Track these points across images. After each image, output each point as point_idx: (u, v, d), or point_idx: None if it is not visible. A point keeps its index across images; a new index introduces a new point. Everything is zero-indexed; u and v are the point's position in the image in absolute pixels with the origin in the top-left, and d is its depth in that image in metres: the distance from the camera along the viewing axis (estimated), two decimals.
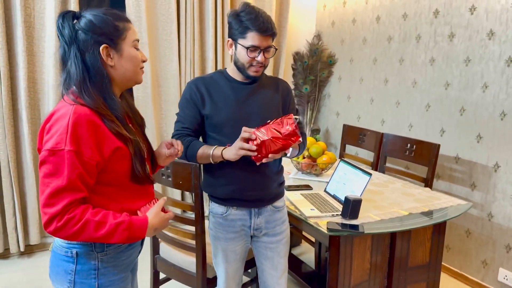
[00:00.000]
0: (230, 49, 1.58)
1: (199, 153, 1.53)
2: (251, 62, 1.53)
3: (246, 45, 1.49)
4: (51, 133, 1.07)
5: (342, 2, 3.68)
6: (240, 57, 1.53)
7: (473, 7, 2.61)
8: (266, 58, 1.54)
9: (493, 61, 2.53)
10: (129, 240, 1.13)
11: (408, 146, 2.70)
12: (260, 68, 1.55)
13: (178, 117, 1.62)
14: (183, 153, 1.55)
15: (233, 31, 1.53)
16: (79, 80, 1.12)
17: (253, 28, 1.46)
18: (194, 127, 1.59)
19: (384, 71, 3.33)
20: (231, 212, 1.64)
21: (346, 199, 1.79)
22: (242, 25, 1.48)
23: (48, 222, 1.04)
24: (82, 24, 1.12)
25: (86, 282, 1.17)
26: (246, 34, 1.48)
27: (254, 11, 1.48)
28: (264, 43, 1.50)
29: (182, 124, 1.59)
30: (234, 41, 1.54)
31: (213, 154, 1.50)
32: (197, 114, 1.58)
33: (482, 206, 2.67)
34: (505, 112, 2.48)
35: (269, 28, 1.48)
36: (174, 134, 1.60)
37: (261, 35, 1.48)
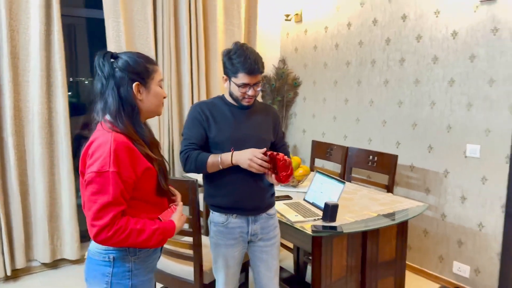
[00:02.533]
0: (225, 83, 1.85)
1: (209, 162, 1.76)
2: (243, 96, 1.81)
3: (238, 83, 1.77)
4: (95, 157, 1.27)
5: (303, 31, 4.06)
6: (234, 91, 1.81)
7: (419, 36, 3.04)
8: (255, 91, 1.82)
9: (438, 82, 2.96)
10: (162, 242, 1.35)
11: (370, 157, 3.06)
12: (251, 99, 1.83)
13: (185, 135, 1.85)
14: (193, 165, 1.77)
15: (226, 70, 1.81)
16: (115, 109, 1.34)
17: (243, 70, 1.74)
18: (200, 144, 1.82)
19: (344, 92, 3.71)
20: (231, 221, 1.87)
21: (326, 204, 2.09)
22: (234, 67, 1.76)
23: (98, 233, 1.23)
24: (119, 64, 1.35)
25: (122, 283, 1.37)
26: (238, 74, 1.76)
27: (243, 53, 1.76)
28: (253, 80, 1.78)
29: (189, 141, 1.82)
30: (228, 77, 1.82)
31: (222, 160, 1.74)
32: (203, 133, 1.82)
33: (436, 208, 3.06)
34: (451, 126, 2.91)
35: (256, 69, 1.76)
36: (183, 150, 1.82)
37: (250, 75, 1.76)
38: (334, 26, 3.73)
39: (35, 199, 3.03)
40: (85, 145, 1.34)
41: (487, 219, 2.77)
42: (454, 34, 2.82)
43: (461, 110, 2.83)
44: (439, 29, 2.90)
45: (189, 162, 1.78)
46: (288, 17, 4.07)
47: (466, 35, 2.76)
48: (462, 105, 2.82)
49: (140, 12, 3.30)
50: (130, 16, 3.29)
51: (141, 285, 1.41)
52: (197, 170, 1.80)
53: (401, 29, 3.15)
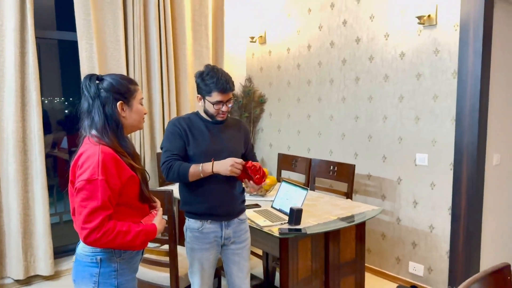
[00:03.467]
0: (199, 102, 2.05)
1: (190, 171, 1.94)
2: (217, 112, 2.02)
3: (212, 101, 1.98)
4: (85, 167, 1.43)
5: (267, 52, 4.34)
6: (209, 108, 2.02)
7: (372, 57, 3.37)
8: (228, 107, 2.03)
9: (389, 98, 3.27)
10: (145, 243, 1.51)
11: (331, 167, 3.32)
12: (224, 114, 2.04)
13: (166, 147, 2.01)
14: (175, 174, 1.94)
15: (200, 90, 2.01)
16: (101, 126, 1.51)
17: (216, 89, 1.96)
18: (181, 155, 2.00)
19: (307, 108, 3.99)
20: (206, 226, 2.05)
21: (291, 209, 2.30)
22: (208, 87, 1.97)
23: (88, 234, 1.39)
24: (104, 85, 1.53)
25: (108, 282, 1.52)
26: (212, 93, 1.97)
27: (215, 74, 1.98)
28: (225, 98, 2.00)
29: (171, 152, 1.99)
30: (202, 97, 2.02)
31: (203, 170, 1.93)
32: (183, 145, 2.00)
33: (392, 212, 3.34)
34: (402, 137, 3.22)
35: (228, 88, 1.98)
36: (165, 160, 1.98)
37: (223, 94, 1.97)
38: (295, 48, 4.02)
39: (9, 216, 3.08)
40: (74, 157, 1.50)
41: (437, 221, 3.07)
42: (402, 55, 3.15)
43: (410, 123, 3.15)
44: (389, 50, 3.23)
45: (172, 172, 1.94)
46: (253, 39, 4.34)
47: (412, 56, 3.09)
48: (410, 118, 3.14)
49: (112, 34, 3.47)
50: (103, 38, 3.44)
51: (126, 284, 1.57)
52: (179, 179, 1.97)
53: (355, 51, 3.47)
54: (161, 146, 2.05)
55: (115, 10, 3.45)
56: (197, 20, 4.01)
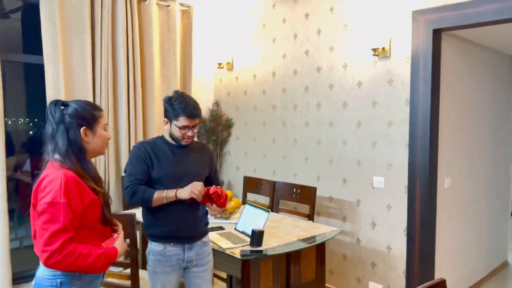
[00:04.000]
0: (166, 126, 2.12)
1: (154, 197, 1.99)
2: (183, 136, 2.09)
3: (179, 125, 2.06)
4: (47, 191, 1.47)
5: (235, 77, 4.47)
6: (175, 132, 2.09)
7: (331, 85, 3.55)
8: (193, 132, 2.12)
9: (348, 124, 3.45)
10: (106, 266, 1.55)
11: (294, 190, 3.44)
12: (189, 139, 2.12)
13: (129, 171, 2.06)
14: (139, 199, 1.99)
15: (168, 114, 2.09)
16: (64, 150, 1.56)
17: (184, 114, 2.04)
18: (144, 179, 2.05)
19: (272, 132, 4.12)
20: (168, 249, 2.09)
21: (253, 231, 2.38)
22: (175, 111, 2.05)
23: (49, 257, 1.42)
24: (69, 111, 1.59)
25: None
26: (179, 118, 2.06)
27: (183, 100, 2.07)
28: (192, 123, 2.08)
29: (135, 176, 2.04)
30: (169, 120, 2.10)
31: (166, 196, 1.98)
32: (146, 169, 2.06)
33: (352, 233, 3.47)
34: (360, 161, 3.38)
35: (195, 114, 2.07)
36: (129, 185, 2.02)
37: (190, 119, 2.06)
38: (261, 75, 4.18)
39: None
40: (37, 181, 1.54)
41: (394, 242, 3.21)
42: (359, 84, 3.35)
43: (367, 147, 3.32)
44: (347, 79, 3.42)
45: (136, 196, 1.99)
46: (220, 65, 4.47)
47: (369, 85, 3.29)
48: (368, 143, 3.32)
49: (79, 58, 3.50)
50: (70, 62, 3.47)
51: None
52: (142, 203, 2.02)
53: (317, 79, 3.65)
54: (125, 170, 2.10)
55: (83, 34, 3.50)
56: (166, 46, 4.10)
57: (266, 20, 4.08)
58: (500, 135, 4.23)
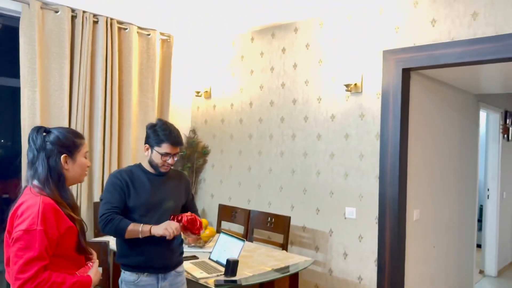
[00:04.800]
0: (146, 152, 2.14)
1: (129, 229, 1.98)
2: (163, 163, 2.12)
3: (161, 152, 2.09)
4: (24, 217, 1.46)
5: (212, 106, 4.55)
6: (155, 159, 2.11)
7: (306, 117, 3.66)
8: (174, 160, 2.14)
9: (321, 154, 3.55)
10: None
11: (268, 219, 3.47)
12: (168, 166, 2.15)
13: (105, 199, 2.06)
14: (113, 228, 1.98)
15: (150, 140, 2.12)
16: (44, 177, 1.56)
17: (167, 141, 2.08)
18: (120, 207, 2.05)
19: (247, 160, 4.17)
20: (142, 279, 2.08)
21: (227, 260, 2.39)
22: (159, 138, 2.08)
23: (22, 285, 1.40)
24: (51, 138, 1.60)
25: None
26: (162, 144, 2.08)
27: (167, 128, 2.11)
28: (174, 151, 2.12)
29: (111, 204, 2.03)
30: (151, 147, 2.12)
31: (142, 230, 1.97)
32: (123, 197, 2.06)
33: (324, 264, 3.51)
34: (333, 191, 3.47)
35: (179, 142, 2.11)
36: (104, 213, 2.01)
37: (172, 146, 2.09)
38: (238, 104, 4.26)
39: None
40: (14, 207, 1.53)
41: (364, 272, 3.27)
42: (332, 117, 3.47)
43: (340, 178, 3.42)
44: (321, 112, 3.55)
45: (110, 225, 1.98)
46: (198, 93, 4.54)
47: (341, 118, 3.42)
48: (340, 174, 3.42)
49: (57, 83, 3.50)
50: (47, 87, 3.46)
51: None
52: (115, 233, 2.01)
53: (292, 110, 3.76)
54: (101, 198, 2.10)
55: (62, 60, 3.50)
56: (145, 73, 4.15)
57: (244, 52, 4.20)
58: (465, 169, 4.43)
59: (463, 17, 2.81)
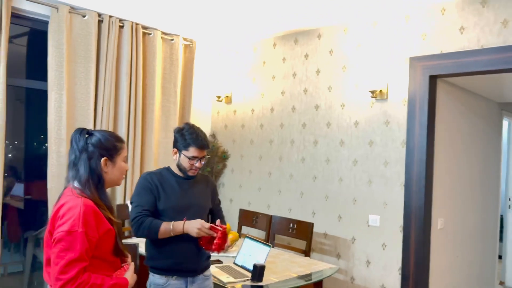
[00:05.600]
0: (174, 156, 2.16)
1: (161, 229, 1.99)
2: (191, 167, 2.13)
3: (188, 156, 2.10)
4: (66, 218, 1.48)
5: (232, 111, 4.56)
6: (183, 163, 2.13)
7: (329, 123, 3.66)
8: (201, 164, 2.15)
9: (344, 161, 3.53)
10: None
11: (290, 225, 3.46)
12: (196, 170, 2.16)
13: (136, 202, 2.07)
14: (146, 231, 1.99)
15: (178, 144, 2.13)
16: (85, 179, 1.58)
17: (194, 145, 2.09)
18: (151, 210, 2.06)
19: (268, 166, 4.17)
20: (171, 283, 2.08)
21: (254, 266, 2.39)
22: (186, 142, 2.10)
23: (63, 286, 1.41)
24: (93, 140, 1.62)
25: None
26: (189, 148, 2.10)
27: (194, 131, 2.12)
28: (201, 154, 2.13)
29: (142, 207, 2.04)
30: (178, 151, 2.14)
31: (173, 228, 1.98)
32: (153, 200, 2.07)
33: (346, 271, 3.48)
34: (356, 199, 3.44)
35: (205, 145, 2.12)
36: (136, 216, 2.02)
37: (199, 150, 2.10)
38: (259, 110, 4.27)
39: None
40: (55, 208, 1.55)
41: (388, 281, 3.23)
42: (356, 124, 3.46)
43: (363, 185, 3.39)
44: (344, 118, 3.54)
45: (142, 228, 1.99)
46: (219, 98, 4.56)
47: (365, 125, 3.40)
48: (364, 181, 3.39)
49: (83, 87, 3.55)
50: (73, 90, 3.51)
51: None
52: (148, 235, 2.02)
53: (315, 116, 3.75)
54: (131, 201, 2.11)
55: (89, 64, 3.56)
56: (167, 78, 4.19)
57: (266, 58, 4.22)
58: (487, 178, 4.36)
59: (493, 25, 2.79)
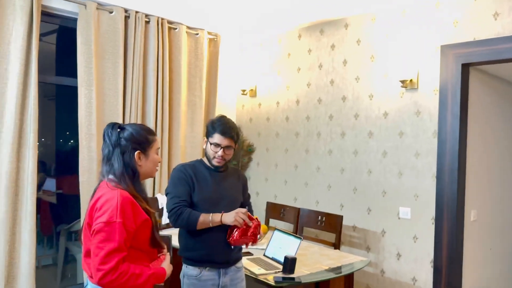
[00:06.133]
0: (204, 145, 2.17)
1: (200, 219, 2.01)
2: (214, 155, 2.13)
3: (212, 142, 2.11)
4: (103, 210, 1.51)
5: (257, 104, 4.55)
6: (208, 150, 2.15)
7: (357, 114, 3.60)
8: (225, 154, 2.14)
9: (373, 153, 3.47)
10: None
11: (319, 218, 3.44)
12: (220, 160, 2.15)
13: (173, 194, 2.08)
14: (185, 221, 2.01)
15: (207, 132, 2.15)
16: (119, 172, 1.60)
17: (218, 131, 2.10)
18: (188, 200, 2.07)
19: (294, 159, 4.15)
20: (204, 273, 2.10)
21: (286, 258, 2.38)
22: (213, 129, 2.11)
23: (103, 276, 1.44)
24: (125, 135, 1.64)
25: None
26: (213, 134, 2.11)
27: (224, 121, 2.13)
28: (224, 142, 2.12)
29: (180, 198, 2.06)
30: (207, 139, 2.15)
31: (212, 219, 2.00)
32: (189, 190, 2.08)
33: (376, 264, 3.44)
34: (385, 191, 3.39)
35: (228, 132, 2.11)
36: (174, 207, 2.04)
37: (222, 136, 2.10)
38: (284, 102, 4.25)
39: None
40: (92, 201, 1.58)
41: (419, 274, 3.18)
42: (385, 114, 3.39)
43: (393, 177, 3.33)
44: (373, 109, 3.48)
45: (181, 219, 2.00)
46: (244, 92, 4.56)
47: (395, 115, 3.34)
48: (394, 173, 3.33)
49: (112, 82, 3.60)
50: (102, 86, 3.57)
51: None
52: (187, 226, 2.04)
53: (342, 108, 3.71)
54: (167, 192, 2.13)
55: (116, 59, 3.60)
56: (193, 72, 4.21)
57: (291, 50, 4.18)
58: None
59: None
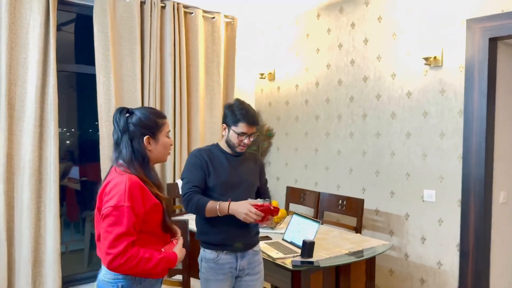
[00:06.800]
0: (224, 131, 2.13)
1: (207, 207, 1.98)
2: (239, 143, 2.09)
3: (238, 131, 2.06)
4: (112, 194, 1.50)
5: (276, 88, 4.48)
6: (232, 138, 2.09)
7: (379, 95, 3.48)
8: (250, 140, 2.11)
9: (396, 134, 3.36)
10: (165, 272, 1.56)
11: (340, 202, 3.37)
12: (244, 147, 2.12)
13: (187, 179, 2.07)
14: (193, 208, 1.99)
15: (227, 119, 2.10)
16: (128, 159, 1.59)
17: (244, 120, 2.05)
18: (201, 186, 2.06)
19: (314, 142, 4.07)
20: (221, 257, 2.08)
21: (304, 241, 2.34)
22: (236, 117, 2.06)
23: (112, 260, 1.44)
24: (133, 120, 1.62)
25: None
26: (239, 124, 2.06)
27: (244, 107, 2.07)
28: (250, 131, 2.08)
29: (192, 183, 2.04)
30: (228, 126, 2.10)
31: (219, 208, 1.97)
32: (204, 176, 2.06)
33: (400, 248, 3.35)
34: (409, 173, 3.28)
35: (255, 121, 2.07)
36: (186, 192, 2.03)
37: (249, 126, 2.06)
38: (303, 85, 4.16)
39: (20, 245, 3.10)
40: (102, 186, 1.57)
41: (445, 258, 3.08)
42: (409, 94, 3.27)
43: (417, 159, 3.22)
44: (395, 89, 3.35)
45: (191, 205, 1.99)
46: (262, 76, 4.49)
47: (419, 95, 3.21)
48: (418, 155, 3.22)
49: (130, 69, 3.60)
50: (120, 72, 3.58)
51: None
52: (197, 212, 2.03)
53: (363, 88, 3.59)
54: (182, 177, 2.12)
55: (133, 46, 3.60)
56: (210, 57, 4.17)
57: (309, 30, 4.07)
58: None
59: None
